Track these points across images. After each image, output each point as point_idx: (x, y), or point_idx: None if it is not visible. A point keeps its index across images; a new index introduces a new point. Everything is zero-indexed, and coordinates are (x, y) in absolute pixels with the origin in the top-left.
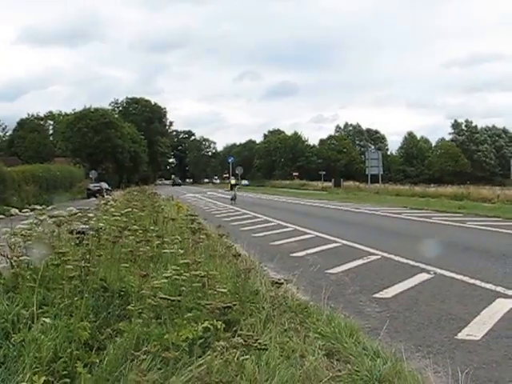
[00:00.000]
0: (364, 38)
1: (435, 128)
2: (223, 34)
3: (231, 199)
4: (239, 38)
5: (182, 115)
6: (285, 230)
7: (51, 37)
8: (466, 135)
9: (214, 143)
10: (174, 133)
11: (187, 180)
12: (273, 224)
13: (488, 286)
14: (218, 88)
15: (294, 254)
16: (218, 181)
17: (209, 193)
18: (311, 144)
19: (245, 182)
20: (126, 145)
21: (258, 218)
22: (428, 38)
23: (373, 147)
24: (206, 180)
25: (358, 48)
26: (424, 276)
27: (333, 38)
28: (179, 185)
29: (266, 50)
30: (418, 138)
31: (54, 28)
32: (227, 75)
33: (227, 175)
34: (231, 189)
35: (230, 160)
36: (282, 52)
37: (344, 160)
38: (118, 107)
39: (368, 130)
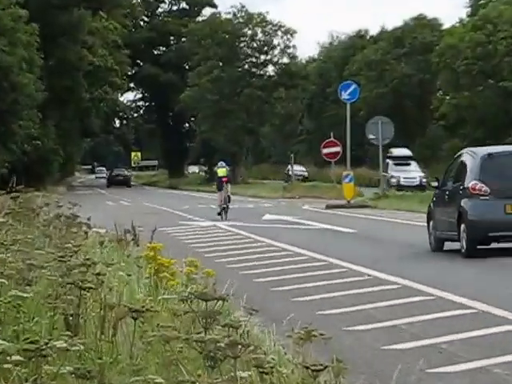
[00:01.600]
0: None
1: None
2: None
3: (218, 213)
4: None
5: None
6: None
7: None
8: None
9: (288, 36)
10: None
11: (189, 169)
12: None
13: None
14: None
15: None
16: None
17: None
18: None
19: None
20: None
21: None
22: None
23: None
24: (291, 170)
25: None
26: None
27: None
28: (127, 184)
29: None
30: None
31: None
32: None
33: (334, 148)
34: (219, 188)
35: (344, 94)
36: None
37: None
38: None
39: None
